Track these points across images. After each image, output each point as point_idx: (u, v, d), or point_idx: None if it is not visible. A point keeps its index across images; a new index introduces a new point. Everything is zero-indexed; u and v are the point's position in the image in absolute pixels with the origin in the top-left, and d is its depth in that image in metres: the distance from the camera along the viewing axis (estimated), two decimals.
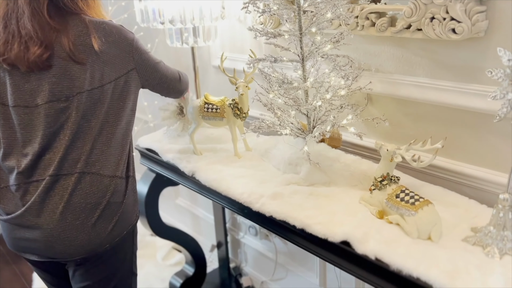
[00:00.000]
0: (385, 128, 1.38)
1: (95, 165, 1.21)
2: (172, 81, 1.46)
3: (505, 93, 0.94)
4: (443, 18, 1.12)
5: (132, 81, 1.27)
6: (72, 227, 1.18)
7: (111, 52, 1.20)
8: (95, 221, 1.21)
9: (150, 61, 1.33)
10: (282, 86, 1.32)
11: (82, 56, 1.16)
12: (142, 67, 1.30)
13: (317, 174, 1.35)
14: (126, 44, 1.24)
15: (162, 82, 1.41)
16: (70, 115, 1.18)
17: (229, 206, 1.40)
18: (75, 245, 1.19)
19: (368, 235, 1.07)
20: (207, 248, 2.47)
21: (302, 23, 1.26)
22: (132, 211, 1.33)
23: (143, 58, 1.30)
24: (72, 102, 1.17)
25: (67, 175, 1.18)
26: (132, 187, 1.33)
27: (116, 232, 1.26)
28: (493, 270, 0.92)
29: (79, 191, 1.19)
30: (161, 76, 1.39)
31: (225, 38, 1.87)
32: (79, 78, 1.17)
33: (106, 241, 1.24)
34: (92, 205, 1.20)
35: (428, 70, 1.23)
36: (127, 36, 1.25)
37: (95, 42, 1.17)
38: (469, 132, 1.20)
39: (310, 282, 1.93)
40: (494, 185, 1.16)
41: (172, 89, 1.49)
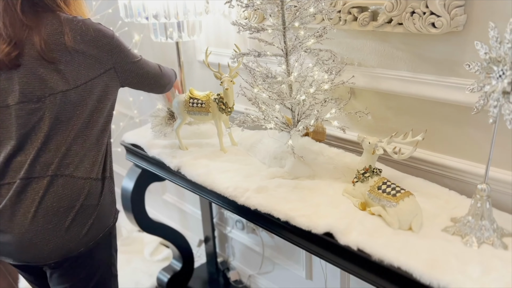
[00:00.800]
0: (368, 121, 1.40)
1: (68, 167, 1.18)
2: (153, 77, 1.40)
3: (482, 86, 0.96)
4: (423, 12, 1.14)
5: (110, 81, 1.24)
6: (44, 231, 1.15)
7: (88, 51, 1.16)
8: (68, 224, 1.17)
9: (129, 59, 1.28)
10: (266, 81, 1.33)
11: (54, 55, 1.11)
12: (121, 66, 1.25)
13: (302, 167, 1.37)
14: (105, 43, 1.19)
15: (143, 79, 1.36)
16: (42, 117, 1.14)
17: (215, 200, 1.41)
18: (48, 249, 1.16)
19: (350, 226, 1.09)
20: (194, 243, 2.48)
21: (285, 17, 1.27)
22: (108, 213, 1.29)
23: (123, 57, 1.25)
24: (45, 103, 1.13)
25: (39, 178, 1.15)
26: (109, 188, 1.30)
27: (91, 235, 1.22)
28: (471, 259, 0.95)
29: (51, 194, 1.16)
30: (142, 74, 1.34)
31: (210, 33, 1.87)
32: (51, 78, 1.12)
33: (81, 245, 1.20)
34: (65, 208, 1.17)
35: (409, 63, 1.25)
36: (106, 34, 1.20)
37: (70, 41, 1.13)
38: (449, 125, 1.22)
39: (297, 274, 1.95)
40: (473, 176, 1.19)
41: (154, 85, 1.43)
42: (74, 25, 1.15)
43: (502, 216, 1.10)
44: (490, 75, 0.94)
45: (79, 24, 1.16)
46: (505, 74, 0.89)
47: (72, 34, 1.13)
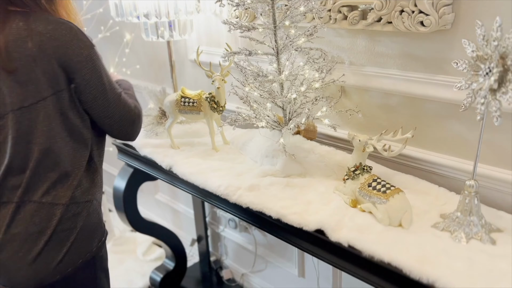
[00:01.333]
0: (359, 119, 1.41)
1: (36, 192, 1.07)
2: (122, 120, 1.16)
3: (469, 83, 0.97)
4: (412, 11, 1.15)
5: (76, 97, 1.09)
6: (14, 259, 1.06)
7: (53, 60, 1.01)
8: (39, 251, 1.07)
9: (100, 83, 1.09)
10: (257, 79, 1.34)
11: (15, 64, 0.98)
12: (86, 87, 1.07)
13: (293, 165, 1.38)
14: (76, 54, 1.03)
15: (106, 116, 1.13)
16: (6, 137, 1.04)
17: (207, 199, 1.42)
18: (19, 276, 1.07)
19: (341, 223, 1.10)
20: (187, 242, 2.48)
21: (276, 16, 1.27)
22: (90, 238, 1.16)
23: (92, 77, 1.07)
24: (7, 121, 1.03)
25: (7, 203, 1.07)
26: (94, 211, 1.18)
27: (68, 261, 1.11)
28: (460, 254, 0.96)
29: (18, 221, 1.06)
30: (107, 108, 1.12)
31: (202, 32, 1.87)
32: (12, 92, 1.01)
33: (57, 272, 1.09)
34: (35, 235, 1.07)
35: (398, 62, 1.26)
36: (80, 44, 1.04)
37: (34, 47, 0.98)
38: (438, 122, 1.24)
39: (289, 272, 1.96)
40: (462, 172, 1.20)
41: (117, 130, 1.18)
42: (44, 29, 1.00)
43: (490, 212, 1.11)
44: (477, 73, 0.95)
45: (50, 27, 1.00)
46: (492, 71, 0.91)
47: (39, 40, 0.99)
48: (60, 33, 1.02)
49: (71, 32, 1.03)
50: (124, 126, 1.18)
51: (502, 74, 0.90)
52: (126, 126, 1.19)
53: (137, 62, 2.32)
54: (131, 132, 1.21)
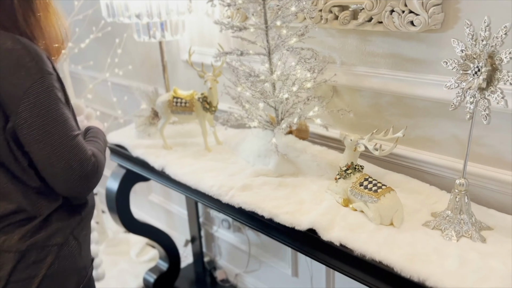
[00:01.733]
0: (350, 118, 1.42)
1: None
2: (69, 170, 0.92)
3: (459, 83, 0.98)
4: (402, 11, 1.15)
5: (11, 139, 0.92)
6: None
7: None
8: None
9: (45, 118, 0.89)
10: (249, 79, 1.34)
11: None
12: (26, 122, 0.88)
13: (285, 165, 1.38)
14: (14, 85, 0.87)
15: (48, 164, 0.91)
16: None
17: (200, 199, 1.41)
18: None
19: (333, 223, 1.10)
20: (181, 243, 2.47)
21: (267, 16, 1.28)
22: (65, 282, 1.00)
23: (35, 112, 0.88)
24: None
25: None
26: (68, 255, 1.00)
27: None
28: (450, 252, 0.97)
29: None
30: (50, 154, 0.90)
31: (194, 32, 1.87)
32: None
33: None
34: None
35: (389, 61, 1.27)
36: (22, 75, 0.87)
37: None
38: (429, 121, 1.24)
39: (283, 272, 1.96)
40: (452, 171, 1.21)
41: (62, 183, 0.93)
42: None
43: (480, 210, 1.12)
44: (466, 72, 0.96)
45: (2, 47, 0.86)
46: (481, 70, 0.91)
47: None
48: (10, 52, 0.87)
49: (11, 56, 0.87)
50: (71, 178, 0.92)
51: (491, 73, 0.91)
52: (74, 179, 0.92)
53: (130, 63, 2.31)
54: (79, 186, 0.94)
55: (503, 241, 1.00)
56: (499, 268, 0.90)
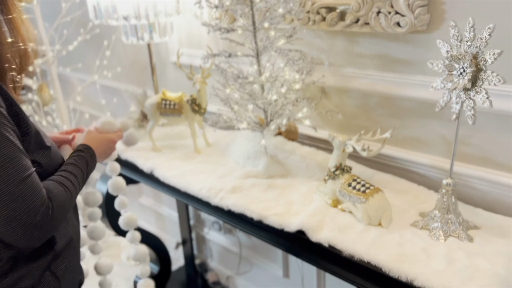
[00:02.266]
0: (339, 119, 1.42)
1: None
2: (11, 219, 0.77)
3: (445, 83, 0.98)
4: (388, 12, 1.16)
5: None
6: None
7: None
8: None
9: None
10: (238, 81, 1.34)
11: None
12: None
13: (275, 166, 1.38)
14: None
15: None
16: None
17: (189, 202, 1.41)
18: None
19: (322, 224, 1.11)
20: (172, 245, 2.46)
21: (255, 18, 1.28)
22: None
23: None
24: None
25: None
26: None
27: None
28: (438, 252, 0.97)
29: None
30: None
31: (183, 34, 1.86)
32: None
33: None
34: None
35: (376, 62, 1.27)
36: None
37: None
38: (416, 121, 1.25)
39: (274, 273, 1.96)
40: (440, 171, 1.22)
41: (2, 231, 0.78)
42: None
43: (467, 209, 1.13)
44: (452, 73, 0.96)
45: None
46: (466, 71, 0.92)
47: None
48: None
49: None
50: (15, 229, 0.78)
51: (475, 73, 0.91)
52: (18, 230, 0.78)
53: (118, 65, 2.30)
54: (24, 237, 0.79)
55: (490, 240, 1.00)
56: (485, 267, 0.91)
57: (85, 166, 1.00)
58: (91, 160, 1.03)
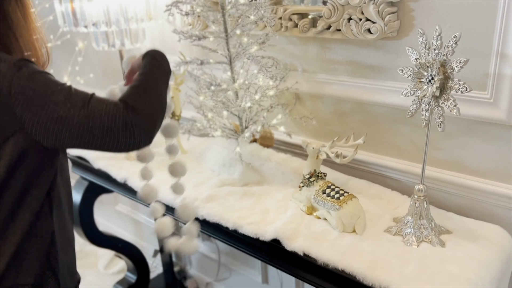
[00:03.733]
0: (314, 125, 1.42)
1: None
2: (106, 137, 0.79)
3: (414, 90, 0.99)
4: (359, 18, 1.16)
5: (19, 149, 0.81)
6: None
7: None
8: None
9: (47, 107, 0.77)
10: (211, 88, 1.32)
11: None
12: (34, 123, 0.78)
13: (250, 174, 1.37)
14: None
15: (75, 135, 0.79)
16: None
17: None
18: None
19: (297, 232, 1.10)
20: (150, 253, 2.43)
21: (227, 25, 1.26)
22: None
23: (34, 108, 0.77)
24: None
25: None
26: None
27: None
28: (410, 258, 0.98)
29: None
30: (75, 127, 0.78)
31: (155, 39, 1.83)
32: None
33: None
34: None
35: (348, 68, 1.28)
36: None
37: None
38: (388, 127, 1.26)
39: (253, 280, 1.95)
40: (413, 175, 1.23)
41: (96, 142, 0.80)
42: None
43: (440, 214, 1.14)
44: (421, 80, 0.97)
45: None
46: (434, 79, 0.93)
47: None
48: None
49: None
50: (117, 141, 0.80)
51: (443, 81, 0.92)
52: (120, 141, 0.80)
53: (91, 71, 2.25)
54: (130, 141, 0.80)
55: (461, 244, 1.02)
56: (456, 272, 0.92)
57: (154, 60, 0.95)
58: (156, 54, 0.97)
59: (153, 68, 0.93)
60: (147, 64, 0.93)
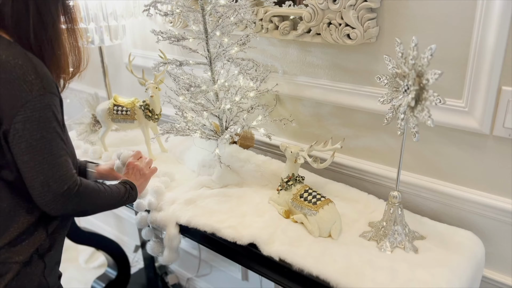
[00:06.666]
0: (293, 127, 1.42)
1: None
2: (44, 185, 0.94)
3: (391, 99, 1.00)
4: (338, 23, 1.16)
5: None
6: None
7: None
8: None
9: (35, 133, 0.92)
10: (190, 90, 1.31)
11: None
12: (16, 134, 0.91)
13: (229, 175, 1.37)
14: (15, 98, 0.90)
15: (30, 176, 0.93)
16: None
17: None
18: None
19: (273, 236, 1.11)
20: (131, 248, 2.42)
21: (208, 25, 1.25)
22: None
23: (28, 126, 0.91)
24: None
25: None
26: (31, 273, 1.02)
27: None
28: (383, 264, 0.99)
29: None
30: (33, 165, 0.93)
31: (136, 35, 1.81)
32: None
33: None
34: None
35: (328, 72, 1.28)
36: (24, 89, 0.90)
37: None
38: (366, 131, 1.27)
39: (233, 276, 1.97)
40: (389, 179, 1.25)
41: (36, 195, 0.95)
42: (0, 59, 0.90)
43: (414, 219, 1.16)
44: (397, 89, 0.98)
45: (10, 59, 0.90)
46: (410, 89, 0.93)
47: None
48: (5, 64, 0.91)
49: (19, 70, 0.91)
50: (46, 195, 0.94)
51: (419, 92, 0.93)
52: (48, 196, 0.95)
53: None
54: (52, 204, 0.96)
55: (433, 250, 1.04)
56: (426, 279, 0.94)
57: (124, 190, 1.17)
58: (131, 190, 1.19)
59: (121, 196, 1.16)
60: (123, 190, 1.17)
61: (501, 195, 1.09)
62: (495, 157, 1.07)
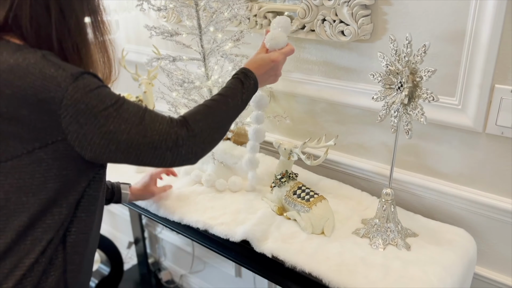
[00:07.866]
0: (287, 124, 1.42)
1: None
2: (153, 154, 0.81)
3: (384, 96, 1.00)
4: (333, 20, 1.16)
5: (56, 158, 0.78)
6: None
7: (16, 111, 0.75)
8: None
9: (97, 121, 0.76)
10: (183, 86, 1.30)
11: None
12: (79, 135, 0.76)
13: (223, 172, 1.36)
14: (46, 102, 0.74)
15: (121, 150, 0.79)
16: None
17: (137, 210, 1.37)
18: None
19: (267, 233, 1.11)
20: (125, 244, 2.42)
21: (201, 21, 1.24)
22: None
23: (83, 121, 0.75)
24: None
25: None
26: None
27: None
28: (376, 261, 0.99)
29: None
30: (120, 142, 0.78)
31: (130, 30, 1.79)
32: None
33: None
34: None
35: (322, 69, 1.28)
36: (50, 88, 0.74)
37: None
38: (360, 128, 1.27)
39: (227, 273, 1.97)
40: (383, 177, 1.25)
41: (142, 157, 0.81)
42: (8, 67, 0.75)
43: (407, 216, 1.16)
44: (391, 86, 0.98)
45: (11, 63, 0.75)
46: (403, 86, 0.93)
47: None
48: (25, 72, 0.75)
49: (33, 70, 0.75)
50: (164, 158, 0.82)
51: (412, 89, 0.93)
52: (167, 157, 0.82)
53: None
54: (177, 159, 0.83)
55: (425, 247, 1.04)
56: (419, 276, 0.94)
57: (240, 85, 0.96)
58: (245, 79, 0.97)
59: (234, 93, 0.94)
60: (232, 86, 0.95)
61: (494, 192, 1.09)
62: (488, 155, 1.07)
